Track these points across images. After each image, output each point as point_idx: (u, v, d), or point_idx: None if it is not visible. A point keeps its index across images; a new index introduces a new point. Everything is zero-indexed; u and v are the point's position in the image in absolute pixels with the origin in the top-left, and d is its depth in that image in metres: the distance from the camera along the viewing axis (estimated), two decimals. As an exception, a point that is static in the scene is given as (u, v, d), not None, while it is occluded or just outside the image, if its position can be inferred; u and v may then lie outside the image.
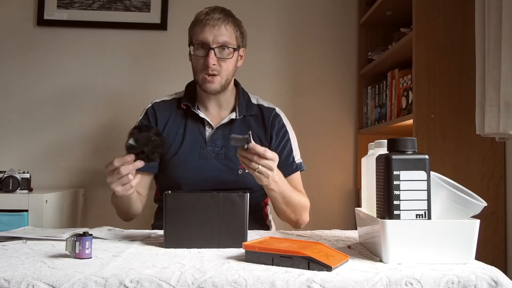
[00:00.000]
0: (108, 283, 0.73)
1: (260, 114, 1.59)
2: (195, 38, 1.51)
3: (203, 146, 1.52)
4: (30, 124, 2.37)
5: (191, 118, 1.56)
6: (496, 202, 1.71)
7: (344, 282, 0.74)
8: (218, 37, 1.47)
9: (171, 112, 1.58)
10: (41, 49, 2.39)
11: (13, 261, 0.84)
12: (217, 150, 1.51)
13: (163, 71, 2.37)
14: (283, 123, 1.61)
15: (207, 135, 1.54)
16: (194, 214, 0.99)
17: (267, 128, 1.58)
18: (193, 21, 1.55)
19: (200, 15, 1.52)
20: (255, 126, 1.57)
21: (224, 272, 0.77)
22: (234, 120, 1.55)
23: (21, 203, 1.81)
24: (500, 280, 0.76)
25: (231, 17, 1.52)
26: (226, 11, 1.53)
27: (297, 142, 1.63)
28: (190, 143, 1.53)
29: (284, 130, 1.60)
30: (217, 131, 1.54)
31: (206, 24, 1.47)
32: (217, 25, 1.47)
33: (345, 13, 2.49)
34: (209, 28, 1.47)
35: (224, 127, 1.54)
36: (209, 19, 1.47)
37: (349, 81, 2.48)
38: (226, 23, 1.49)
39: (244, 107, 1.58)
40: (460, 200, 0.86)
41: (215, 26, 1.47)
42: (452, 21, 1.76)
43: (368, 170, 1.01)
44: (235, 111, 1.56)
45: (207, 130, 1.55)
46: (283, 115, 1.63)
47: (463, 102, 1.74)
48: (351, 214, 2.37)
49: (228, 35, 1.49)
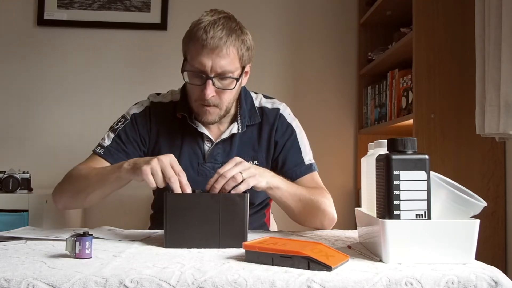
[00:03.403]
0: (108, 283, 0.73)
1: (264, 120, 1.40)
2: (190, 61, 1.26)
3: (201, 162, 1.36)
4: (30, 124, 2.37)
5: (188, 130, 1.37)
6: (496, 202, 1.71)
7: (344, 282, 0.74)
8: (218, 64, 1.22)
9: (167, 118, 1.39)
10: (41, 49, 2.39)
11: (13, 261, 0.84)
12: (217, 167, 1.30)
13: (163, 71, 2.37)
14: (288, 122, 1.42)
15: (206, 150, 1.38)
16: (194, 214, 0.99)
17: (271, 135, 1.40)
18: (189, 33, 1.27)
19: (197, 30, 1.23)
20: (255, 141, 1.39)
21: (224, 272, 0.77)
22: (236, 134, 1.37)
23: (21, 203, 1.81)
24: (500, 280, 0.76)
25: (235, 33, 1.25)
26: (230, 24, 1.25)
27: (307, 141, 1.45)
28: (188, 159, 1.36)
29: (289, 129, 1.42)
30: (217, 145, 1.37)
31: (204, 47, 1.21)
32: (218, 48, 1.21)
33: (345, 13, 2.49)
34: (207, 52, 1.21)
35: (224, 142, 1.37)
36: (208, 39, 1.20)
37: (349, 81, 2.48)
38: (229, 44, 1.23)
39: (247, 116, 1.39)
40: (460, 200, 0.86)
41: (214, 50, 1.21)
42: (452, 21, 1.76)
43: (368, 170, 1.01)
44: (236, 122, 1.37)
45: (206, 145, 1.38)
46: (288, 112, 1.45)
47: (463, 102, 1.74)
48: (351, 214, 2.37)
49: (230, 60, 1.24)
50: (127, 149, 1.37)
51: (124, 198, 2.24)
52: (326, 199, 1.32)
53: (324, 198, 1.31)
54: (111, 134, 1.38)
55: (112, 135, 1.38)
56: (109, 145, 1.36)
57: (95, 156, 1.36)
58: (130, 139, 1.37)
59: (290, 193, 1.23)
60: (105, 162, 1.34)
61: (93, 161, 1.35)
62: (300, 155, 1.40)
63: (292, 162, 1.39)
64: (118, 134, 1.38)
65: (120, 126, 1.39)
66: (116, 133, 1.38)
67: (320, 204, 1.29)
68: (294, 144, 1.41)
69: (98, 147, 1.37)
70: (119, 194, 1.35)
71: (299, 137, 1.43)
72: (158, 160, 1.06)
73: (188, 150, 1.37)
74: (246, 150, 1.39)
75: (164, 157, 1.08)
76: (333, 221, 1.33)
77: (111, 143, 1.36)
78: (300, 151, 1.41)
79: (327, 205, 1.31)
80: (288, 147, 1.40)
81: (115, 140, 1.37)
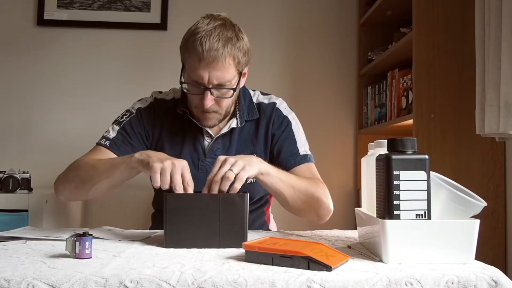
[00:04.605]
0: (108, 283, 0.73)
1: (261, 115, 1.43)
2: (188, 72, 1.28)
3: (202, 158, 1.38)
4: (30, 124, 2.37)
5: (189, 126, 1.39)
6: (496, 202, 1.71)
7: (344, 282, 0.74)
8: (215, 75, 1.24)
9: (169, 115, 1.42)
10: (41, 49, 2.39)
11: (13, 261, 0.84)
12: None
13: (163, 71, 2.37)
14: (284, 115, 1.44)
15: (206, 145, 1.39)
16: (194, 214, 0.99)
17: (268, 128, 1.42)
18: (185, 42, 1.28)
19: (194, 41, 1.23)
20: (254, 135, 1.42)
21: (224, 272, 0.77)
22: (235, 128, 1.40)
23: (21, 203, 1.81)
24: (500, 280, 0.76)
25: (230, 42, 1.25)
26: (226, 33, 1.25)
27: (303, 133, 1.46)
28: (189, 154, 1.38)
29: (285, 121, 1.43)
30: (217, 141, 1.39)
31: (201, 60, 1.22)
32: (214, 60, 1.22)
33: (345, 13, 2.49)
34: (204, 65, 1.23)
35: (224, 137, 1.40)
36: (204, 52, 1.21)
37: (349, 81, 2.48)
38: (226, 54, 1.23)
39: (246, 111, 1.42)
40: (460, 200, 0.86)
41: (211, 63, 1.22)
42: (452, 21, 1.76)
43: (368, 170, 1.01)
44: (235, 117, 1.40)
45: (206, 140, 1.40)
46: (284, 106, 1.47)
47: (463, 102, 1.74)
48: (351, 214, 2.37)
49: (227, 70, 1.25)
50: (133, 141, 1.37)
51: (124, 198, 2.24)
52: (320, 188, 1.31)
53: (319, 187, 1.30)
54: (116, 127, 1.38)
55: (117, 128, 1.37)
56: (115, 137, 1.35)
57: (100, 148, 1.35)
58: (135, 132, 1.38)
59: (281, 179, 1.22)
60: (111, 153, 1.33)
61: (97, 153, 1.34)
62: (295, 145, 1.41)
63: (287, 152, 1.39)
64: (124, 126, 1.38)
65: (126, 119, 1.39)
66: (122, 125, 1.38)
67: (314, 193, 1.28)
68: (290, 135, 1.42)
69: (103, 139, 1.36)
70: (119, 194, 1.35)
71: (294, 129, 1.44)
72: (172, 163, 1.06)
73: (189, 146, 1.39)
74: (245, 144, 1.41)
75: (178, 162, 1.08)
76: (328, 211, 1.32)
77: (116, 135, 1.36)
78: (295, 142, 1.42)
79: (321, 194, 1.29)
80: (284, 138, 1.41)
81: (120, 132, 1.37)
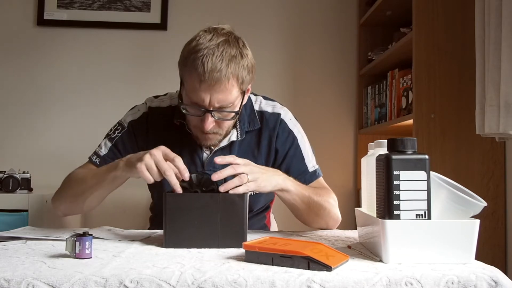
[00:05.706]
0: (108, 283, 0.73)
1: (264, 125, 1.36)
2: (187, 92, 1.20)
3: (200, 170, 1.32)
4: (30, 124, 2.37)
5: (187, 137, 1.32)
6: (496, 202, 1.71)
7: (344, 282, 0.74)
8: (217, 98, 1.16)
9: (165, 125, 1.34)
10: (41, 49, 2.39)
11: (13, 261, 0.84)
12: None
13: (163, 71, 2.37)
14: (289, 129, 1.38)
15: (205, 158, 1.33)
16: (194, 214, 0.99)
17: (272, 141, 1.36)
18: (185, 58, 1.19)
19: (194, 59, 1.15)
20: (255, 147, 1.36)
21: (224, 272, 0.77)
22: (234, 141, 1.33)
23: (21, 203, 1.81)
24: (500, 280, 0.76)
25: (234, 61, 1.16)
26: (229, 51, 1.16)
27: (309, 145, 1.41)
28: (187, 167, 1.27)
29: (291, 136, 1.37)
30: (216, 153, 1.32)
31: (202, 82, 1.14)
32: (217, 83, 1.14)
33: (345, 13, 2.49)
34: (206, 87, 1.15)
35: (223, 149, 1.33)
36: (206, 73, 1.13)
37: (349, 81, 2.48)
38: (229, 75, 1.15)
39: (246, 122, 1.35)
40: (460, 200, 0.86)
41: (213, 85, 1.14)
42: (452, 21, 1.76)
43: (368, 170, 1.01)
44: (235, 129, 1.33)
45: (205, 152, 1.33)
46: (289, 117, 1.39)
47: (463, 102, 1.74)
48: (351, 214, 2.37)
49: (230, 92, 1.17)
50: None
51: (124, 198, 2.24)
52: (332, 199, 1.33)
53: (330, 198, 1.32)
54: (108, 143, 1.35)
55: (109, 144, 1.35)
56: (105, 155, 1.33)
57: (90, 165, 1.35)
58: (127, 148, 1.34)
59: (299, 196, 1.23)
60: None
61: (88, 168, 1.34)
62: (304, 163, 1.37)
63: (296, 171, 1.35)
64: (115, 143, 1.35)
65: (118, 134, 1.36)
66: (114, 142, 1.35)
67: (327, 205, 1.29)
68: (297, 152, 1.38)
69: (94, 155, 1.35)
70: (119, 194, 1.35)
71: (301, 144, 1.39)
72: (150, 155, 1.06)
73: (186, 158, 1.30)
74: (246, 156, 1.32)
75: (156, 150, 1.07)
76: (337, 221, 1.33)
77: (107, 153, 1.34)
78: (303, 159, 1.38)
79: (332, 205, 1.32)
80: (291, 156, 1.37)
81: (112, 149, 1.34)
